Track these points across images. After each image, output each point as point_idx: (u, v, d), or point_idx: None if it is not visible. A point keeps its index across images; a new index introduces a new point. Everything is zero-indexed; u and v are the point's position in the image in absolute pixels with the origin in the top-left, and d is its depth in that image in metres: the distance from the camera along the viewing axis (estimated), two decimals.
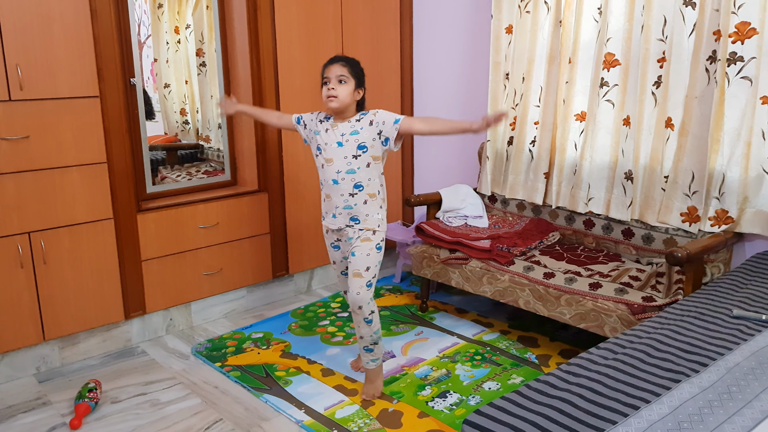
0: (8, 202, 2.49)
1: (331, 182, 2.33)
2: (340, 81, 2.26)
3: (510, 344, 2.90)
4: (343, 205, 2.34)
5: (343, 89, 2.26)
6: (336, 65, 2.28)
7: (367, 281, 2.32)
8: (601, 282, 2.55)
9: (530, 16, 3.09)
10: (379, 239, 2.37)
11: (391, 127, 2.27)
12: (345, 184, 2.31)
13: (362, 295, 2.31)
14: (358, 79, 2.30)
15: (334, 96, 2.26)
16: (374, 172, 2.33)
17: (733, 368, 1.54)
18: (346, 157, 2.29)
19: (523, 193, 3.25)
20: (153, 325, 3.05)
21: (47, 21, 2.48)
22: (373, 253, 2.34)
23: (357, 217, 2.34)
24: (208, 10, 3.20)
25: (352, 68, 2.29)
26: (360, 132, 2.29)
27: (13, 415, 2.41)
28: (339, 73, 2.26)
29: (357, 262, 2.33)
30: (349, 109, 2.31)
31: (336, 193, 2.33)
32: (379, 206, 2.37)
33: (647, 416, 1.35)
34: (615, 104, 2.84)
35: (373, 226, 2.36)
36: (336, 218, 2.38)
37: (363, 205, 2.33)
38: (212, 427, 2.31)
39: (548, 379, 1.58)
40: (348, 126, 2.31)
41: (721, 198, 2.53)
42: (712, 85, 2.50)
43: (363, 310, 2.33)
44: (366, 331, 2.38)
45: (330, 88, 2.26)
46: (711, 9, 2.46)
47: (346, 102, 2.28)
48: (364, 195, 2.32)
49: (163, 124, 3.36)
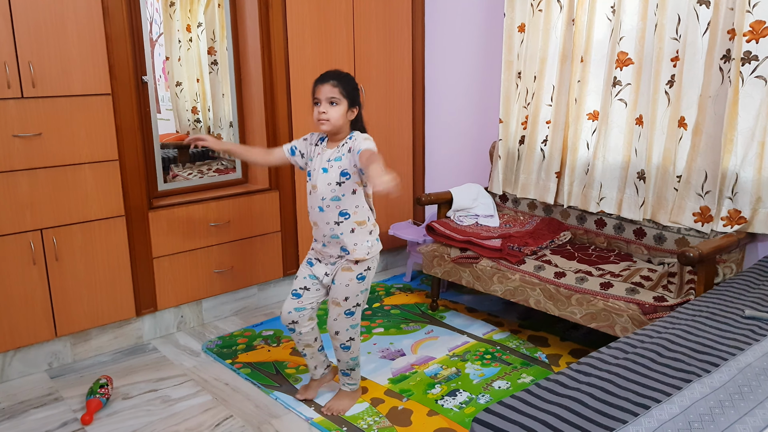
0: (21, 199, 2.52)
1: (317, 209, 2.21)
2: (332, 102, 2.13)
3: (520, 343, 2.89)
4: (330, 234, 2.21)
5: (334, 111, 2.13)
6: (326, 85, 2.13)
7: (345, 310, 2.24)
8: (612, 282, 2.54)
9: (543, 15, 3.08)
10: (362, 269, 2.23)
11: (356, 156, 2.10)
12: (330, 212, 2.18)
13: (339, 322, 2.26)
14: (351, 99, 2.16)
15: (326, 119, 2.14)
16: (361, 198, 2.20)
17: (744, 368, 1.52)
18: (330, 184, 2.17)
19: (534, 192, 3.24)
20: (164, 322, 3.07)
21: (60, 19, 2.50)
22: (352, 284, 2.22)
23: (345, 247, 2.21)
24: (220, 8, 3.21)
25: (344, 87, 2.14)
26: (342, 158, 2.16)
27: (26, 411, 2.43)
28: (330, 94, 2.13)
29: (336, 292, 2.24)
30: (343, 130, 2.20)
31: (322, 221, 2.21)
32: (369, 232, 2.24)
33: (658, 416, 1.34)
34: (628, 103, 2.82)
35: (362, 255, 2.21)
36: (326, 247, 2.25)
37: (350, 234, 2.20)
38: (223, 423, 2.32)
39: (558, 378, 1.57)
40: (334, 151, 2.19)
41: (734, 198, 2.51)
42: (726, 85, 2.47)
43: (339, 336, 2.27)
44: (343, 356, 2.32)
45: (321, 112, 2.14)
46: (725, 7, 2.44)
47: (338, 124, 2.15)
48: (351, 223, 2.19)
49: (174, 122, 3.38)
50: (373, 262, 2.28)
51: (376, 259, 2.29)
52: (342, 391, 2.42)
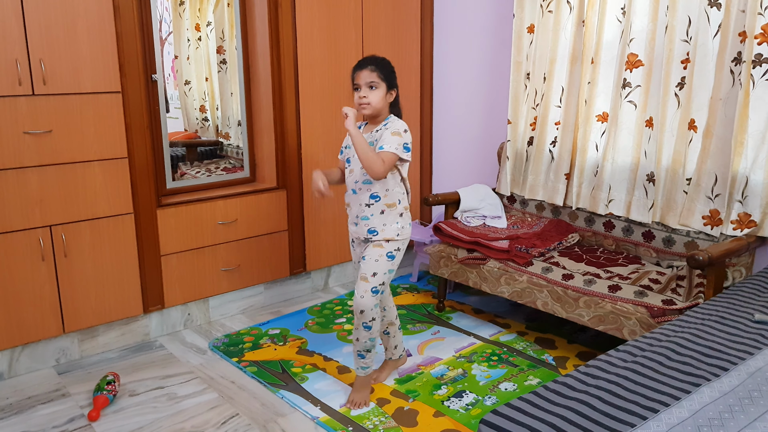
0: (31, 196, 2.53)
1: (351, 192, 2.34)
2: (371, 87, 2.23)
3: (527, 345, 2.88)
4: (361, 215, 2.32)
5: (374, 95, 2.23)
6: (365, 71, 2.23)
7: (372, 287, 2.28)
8: (620, 284, 2.52)
9: (553, 16, 3.07)
10: (392, 248, 2.31)
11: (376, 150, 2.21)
12: (362, 194, 2.29)
13: (365, 300, 2.28)
14: (389, 82, 2.26)
15: (367, 103, 2.23)
16: (391, 182, 2.28)
17: (755, 373, 1.51)
18: (362, 167, 2.25)
19: (543, 193, 3.23)
20: (171, 320, 3.08)
21: (72, 17, 2.51)
22: (382, 260, 2.29)
23: (374, 228, 2.30)
24: (230, 7, 3.22)
25: (381, 71, 2.24)
26: (374, 144, 2.25)
27: (33, 406, 2.44)
28: (369, 79, 2.23)
29: (365, 266, 2.30)
30: (382, 113, 2.29)
31: (355, 202, 2.33)
32: (399, 214, 2.32)
33: (666, 420, 1.33)
34: (637, 105, 2.80)
35: (391, 235, 2.30)
36: (357, 227, 2.36)
37: (380, 215, 2.29)
38: (229, 421, 2.33)
39: (566, 380, 1.56)
40: (370, 136, 2.28)
41: (744, 201, 2.49)
42: (736, 87, 2.46)
43: (365, 314, 2.30)
44: (363, 335, 2.34)
45: (362, 96, 2.23)
46: (737, 10, 2.42)
47: (378, 107, 2.25)
48: (381, 205, 2.29)
49: (183, 120, 3.39)
50: (403, 245, 2.36)
51: (406, 243, 2.37)
52: (358, 381, 2.43)
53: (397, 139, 2.21)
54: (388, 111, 2.31)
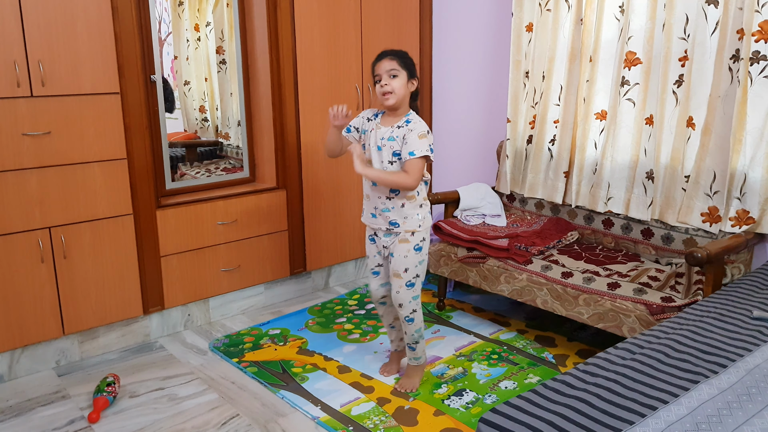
0: (31, 197, 2.54)
1: (370, 183, 2.32)
2: (392, 75, 2.22)
3: (527, 344, 2.88)
4: (382, 207, 2.32)
5: (396, 83, 2.22)
6: (384, 60, 2.24)
7: (406, 281, 2.34)
8: (619, 282, 2.53)
9: (551, 14, 3.07)
10: (418, 239, 2.33)
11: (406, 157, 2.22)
12: (382, 187, 2.29)
13: (401, 294, 2.34)
14: (409, 70, 2.25)
15: (389, 92, 2.22)
16: None
17: (753, 369, 1.51)
18: (382, 162, 2.28)
19: (542, 192, 3.23)
20: (171, 321, 3.09)
21: (70, 18, 2.52)
22: (411, 255, 2.32)
23: (396, 221, 2.32)
24: (229, 7, 3.22)
25: (401, 60, 2.24)
26: (395, 140, 2.26)
27: (33, 408, 2.44)
28: (389, 67, 2.22)
29: (396, 263, 2.34)
30: (403, 103, 2.28)
31: (374, 195, 2.33)
32: (419, 205, 2.33)
33: (665, 417, 1.34)
34: (636, 103, 2.81)
35: (413, 227, 2.32)
36: (376, 218, 2.36)
37: (401, 208, 2.30)
38: (229, 422, 2.33)
39: (565, 378, 1.57)
40: (388, 131, 2.28)
41: (743, 198, 2.49)
42: (734, 85, 2.46)
43: (403, 308, 2.36)
44: (407, 329, 2.41)
45: (383, 85, 2.22)
46: (735, 7, 2.42)
47: (401, 95, 2.24)
48: (402, 198, 2.29)
49: (182, 120, 3.39)
50: (427, 234, 2.39)
51: (429, 231, 2.39)
52: (410, 367, 2.51)
53: (425, 141, 2.23)
54: (408, 105, 2.31)
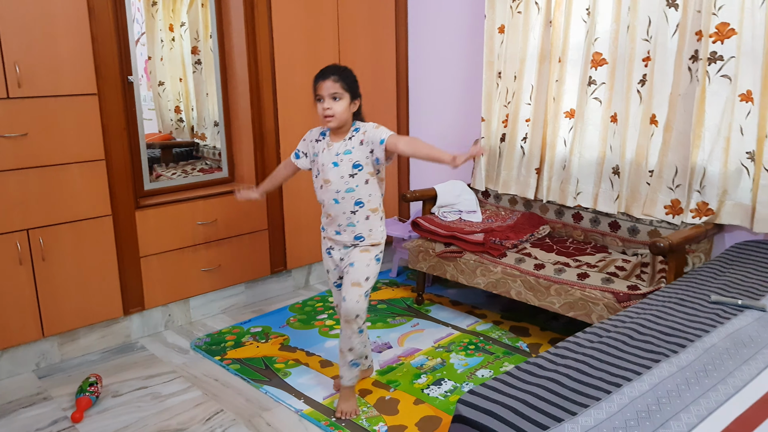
0: (9, 199, 2.53)
1: (332, 202, 2.27)
2: (335, 98, 2.18)
3: (502, 334, 2.98)
4: (347, 222, 2.29)
5: (338, 106, 2.18)
6: (328, 81, 2.18)
7: (365, 290, 2.27)
8: (588, 272, 2.64)
9: (522, 17, 3.17)
10: (378, 251, 2.33)
11: (379, 147, 2.20)
12: (346, 203, 2.26)
13: (360, 304, 2.24)
14: (352, 92, 2.22)
15: (331, 116, 2.19)
16: (373, 187, 2.28)
17: (709, 348, 1.62)
18: (342, 177, 2.23)
19: (515, 188, 3.33)
20: (152, 321, 3.10)
21: (48, 19, 2.52)
22: (372, 264, 2.30)
23: (361, 234, 2.30)
24: (204, 7, 3.24)
25: (344, 81, 2.20)
26: (353, 151, 2.23)
27: (15, 410, 2.44)
28: (332, 90, 2.18)
29: (356, 272, 2.27)
30: (347, 123, 2.26)
31: (338, 212, 2.28)
32: (380, 218, 2.34)
33: (629, 393, 1.43)
34: (602, 102, 2.92)
35: (378, 239, 2.32)
36: (341, 235, 2.32)
37: (365, 221, 2.28)
38: (214, 417, 2.37)
39: (537, 361, 1.66)
40: (342, 145, 2.25)
41: (702, 191, 2.62)
42: (694, 83, 2.58)
43: (359, 319, 2.26)
44: (357, 342, 2.30)
45: (326, 108, 2.19)
46: (693, 10, 2.55)
47: (343, 118, 2.21)
48: (366, 211, 2.28)
49: (157, 121, 3.38)
50: (383, 247, 2.37)
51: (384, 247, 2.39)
52: (346, 391, 2.37)
53: (382, 128, 2.23)
54: (351, 120, 2.28)
